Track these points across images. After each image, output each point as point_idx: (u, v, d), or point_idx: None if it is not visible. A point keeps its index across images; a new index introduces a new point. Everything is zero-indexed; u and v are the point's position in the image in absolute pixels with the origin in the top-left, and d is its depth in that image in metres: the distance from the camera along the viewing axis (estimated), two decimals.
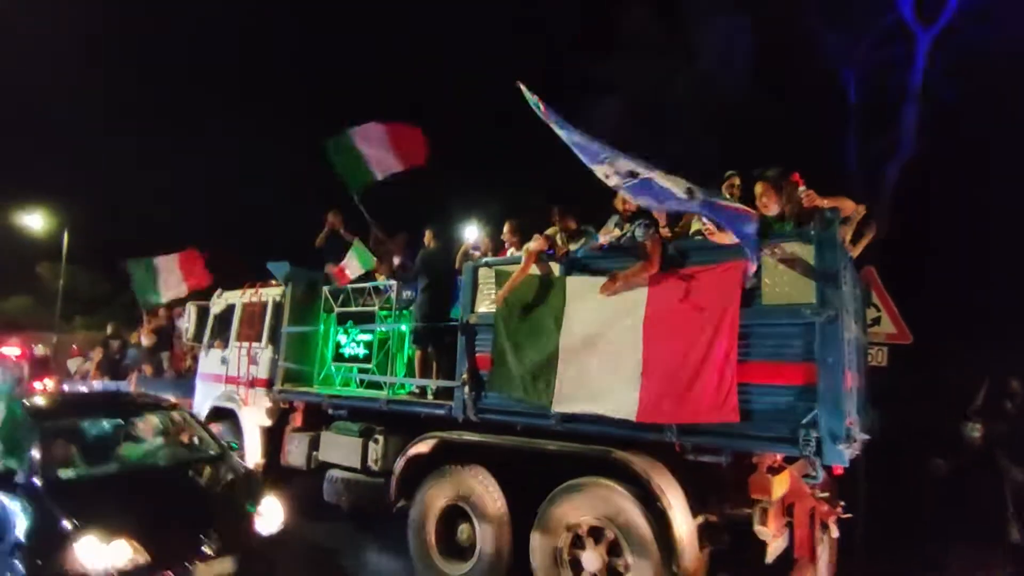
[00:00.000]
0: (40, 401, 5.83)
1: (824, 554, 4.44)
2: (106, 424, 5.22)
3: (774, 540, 3.80)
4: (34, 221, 16.85)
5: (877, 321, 5.76)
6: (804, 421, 3.41)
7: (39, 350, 15.93)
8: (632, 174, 3.59)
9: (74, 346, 17.31)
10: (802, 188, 3.85)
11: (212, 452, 5.29)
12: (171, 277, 8.93)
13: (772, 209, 3.93)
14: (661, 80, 12.57)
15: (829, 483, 4.34)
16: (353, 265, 6.40)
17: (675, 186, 3.49)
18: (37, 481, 4.23)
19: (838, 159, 11.24)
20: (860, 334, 4.95)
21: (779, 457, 3.79)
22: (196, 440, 5.44)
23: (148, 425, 5.38)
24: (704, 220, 3.93)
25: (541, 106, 3.73)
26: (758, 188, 4.03)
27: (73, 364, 13.57)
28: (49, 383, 11.61)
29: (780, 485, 3.69)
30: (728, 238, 3.81)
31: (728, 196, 4.70)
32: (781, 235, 3.77)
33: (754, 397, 3.63)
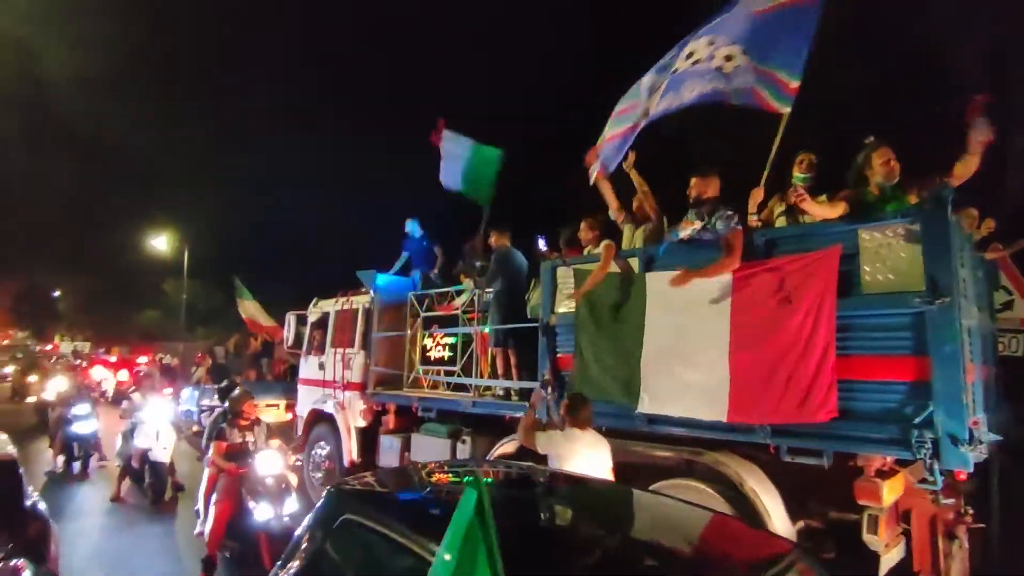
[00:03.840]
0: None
1: (954, 568, 3.98)
2: None
3: (887, 551, 3.45)
4: (160, 243, 18.69)
5: (1009, 306, 5.13)
6: (917, 421, 3.09)
7: (166, 359, 17.65)
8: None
9: (200, 354, 19.05)
10: None
11: None
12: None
13: (894, 178, 3.52)
14: None
15: (955, 489, 3.90)
16: None
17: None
18: None
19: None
20: (987, 321, 4.41)
21: (889, 460, 3.45)
22: None
23: None
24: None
25: None
26: (876, 158, 3.59)
27: (197, 372, 14.97)
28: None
29: (892, 491, 3.35)
30: (822, 211, 3.55)
31: (801, 177, 4.29)
32: (880, 216, 3.42)
33: (858, 395, 3.34)
